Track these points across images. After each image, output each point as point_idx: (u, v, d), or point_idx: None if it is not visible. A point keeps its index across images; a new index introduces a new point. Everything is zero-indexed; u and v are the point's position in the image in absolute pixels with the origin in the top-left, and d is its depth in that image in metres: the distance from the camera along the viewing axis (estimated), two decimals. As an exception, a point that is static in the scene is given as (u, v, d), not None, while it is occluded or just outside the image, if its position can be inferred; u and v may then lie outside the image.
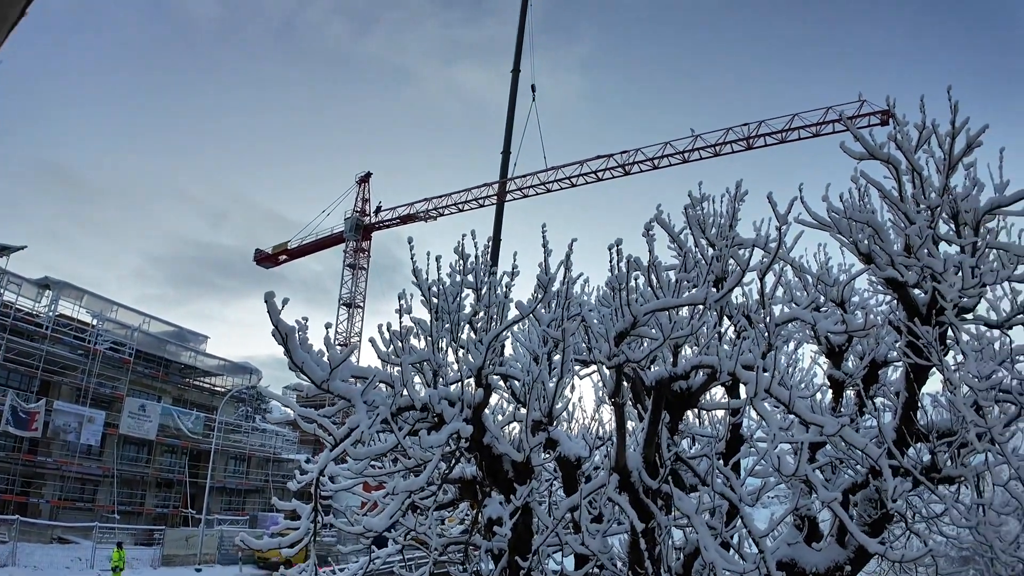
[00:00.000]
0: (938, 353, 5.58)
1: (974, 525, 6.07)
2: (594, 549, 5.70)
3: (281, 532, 18.91)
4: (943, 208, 5.78)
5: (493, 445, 5.61)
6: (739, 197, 6.41)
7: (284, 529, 30.46)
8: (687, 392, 5.57)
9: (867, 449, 4.84)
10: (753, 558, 5.56)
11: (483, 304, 5.35)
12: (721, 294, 4.75)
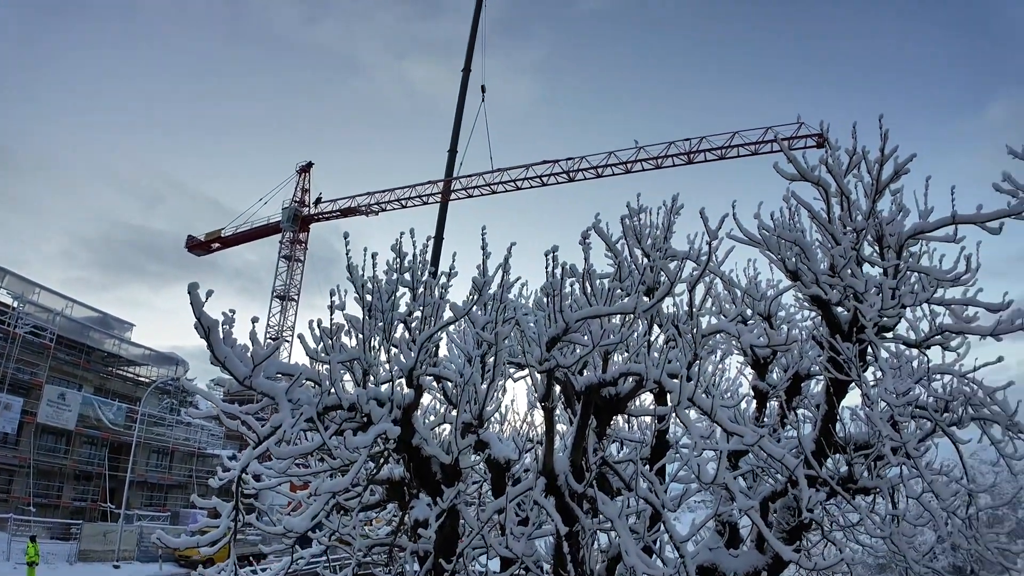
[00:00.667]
0: (857, 369, 5.82)
1: (888, 535, 6.34)
2: (518, 552, 5.70)
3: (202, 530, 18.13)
4: (868, 231, 6.05)
5: (422, 447, 5.55)
6: (675, 210, 6.57)
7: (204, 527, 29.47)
8: (616, 398, 5.64)
9: (784, 460, 5.00)
10: (674, 563, 5.67)
11: (419, 304, 5.28)
12: (651, 304, 4.83)
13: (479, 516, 6.15)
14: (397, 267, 5.35)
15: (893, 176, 6.10)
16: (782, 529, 6.64)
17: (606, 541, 6.73)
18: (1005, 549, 7.84)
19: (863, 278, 5.90)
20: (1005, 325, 5.93)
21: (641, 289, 5.34)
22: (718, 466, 4.84)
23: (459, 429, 5.38)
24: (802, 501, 5.22)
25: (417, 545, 6.20)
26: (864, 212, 6.05)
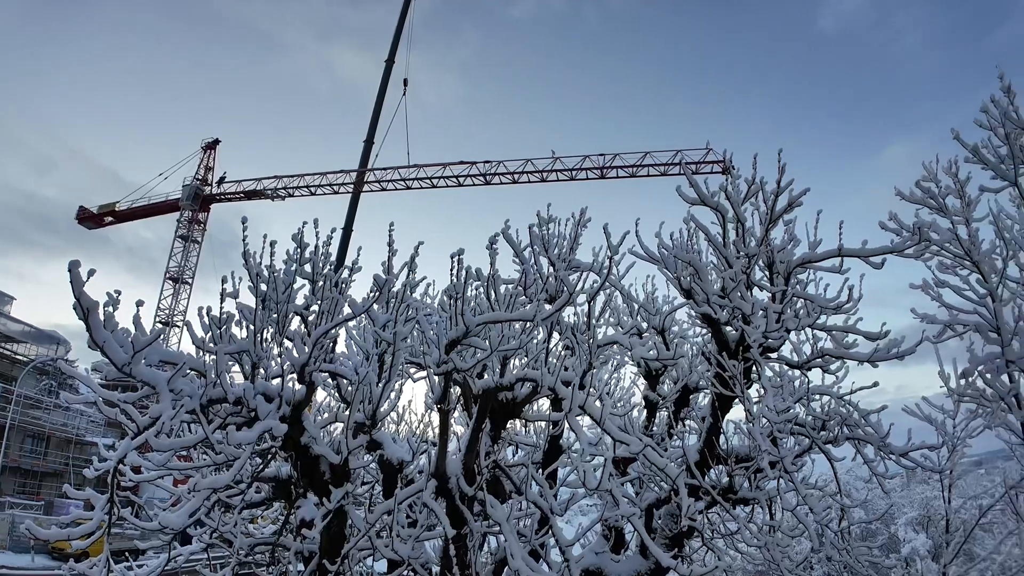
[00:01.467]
0: (742, 386, 6.13)
1: (764, 544, 6.69)
2: (404, 555, 5.65)
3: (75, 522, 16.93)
4: (760, 257, 6.41)
5: (311, 445, 5.41)
6: (582, 223, 6.73)
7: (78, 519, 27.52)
8: (512, 402, 5.70)
9: (667, 469, 5.19)
10: (559, 566, 5.78)
11: (317, 298, 5.13)
12: (549, 312, 4.92)
13: (367, 518, 6.07)
14: (297, 257, 5.18)
15: (787, 207, 6.49)
16: (665, 535, 6.90)
17: (496, 544, 6.79)
18: (876, 562, 8.46)
19: (751, 301, 6.24)
20: (881, 353, 6.44)
21: (543, 297, 5.43)
22: (602, 472, 4.96)
23: (351, 429, 5.27)
24: (683, 509, 5.43)
25: (302, 545, 6.04)
26: (757, 239, 6.40)
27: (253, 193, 55.40)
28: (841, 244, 6.30)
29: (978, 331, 6.36)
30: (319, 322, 5.01)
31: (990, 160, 6.47)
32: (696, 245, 6.63)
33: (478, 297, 5.52)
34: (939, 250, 6.79)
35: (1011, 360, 6.17)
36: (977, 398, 6.93)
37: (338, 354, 5.99)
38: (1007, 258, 6.91)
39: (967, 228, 6.72)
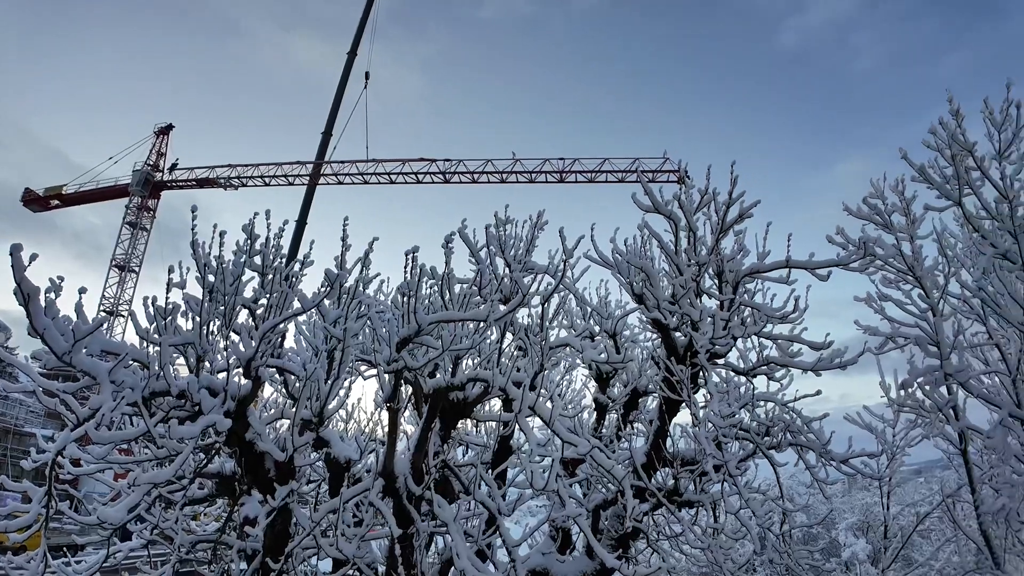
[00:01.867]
0: (689, 391, 6.26)
1: (707, 546, 6.83)
2: (348, 554, 5.60)
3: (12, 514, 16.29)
4: (710, 265, 6.56)
5: (256, 442, 5.32)
6: (539, 225, 6.79)
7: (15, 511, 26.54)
8: (463, 402, 5.71)
9: (614, 470, 5.26)
10: (505, 566, 5.80)
11: (266, 291, 5.06)
12: (503, 313, 4.94)
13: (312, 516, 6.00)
14: (247, 249, 5.09)
15: (738, 218, 6.67)
16: (611, 536, 6.98)
17: (443, 544, 6.79)
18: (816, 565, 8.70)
19: (700, 308, 6.38)
20: (825, 362, 6.63)
21: (497, 298, 5.46)
22: (550, 473, 5.00)
23: (298, 426, 5.21)
24: (628, 510, 5.51)
25: (245, 544, 5.94)
26: (708, 248, 6.56)
27: (205, 181, 53.99)
28: (789, 256, 6.49)
29: (918, 344, 6.58)
30: (267, 316, 4.94)
31: (936, 180, 6.71)
32: (649, 252, 6.76)
33: (432, 296, 5.52)
34: (883, 265, 7.03)
35: (949, 373, 6.38)
36: (916, 409, 7.19)
37: (286, 349, 5.92)
38: (949, 275, 7.19)
39: (911, 245, 6.97)
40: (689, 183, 6.68)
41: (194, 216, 4.96)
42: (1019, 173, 6.48)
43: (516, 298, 5.07)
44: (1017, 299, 6.72)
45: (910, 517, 11.06)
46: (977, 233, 6.85)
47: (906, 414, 7.61)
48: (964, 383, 6.45)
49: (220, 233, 4.97)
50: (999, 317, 7.08)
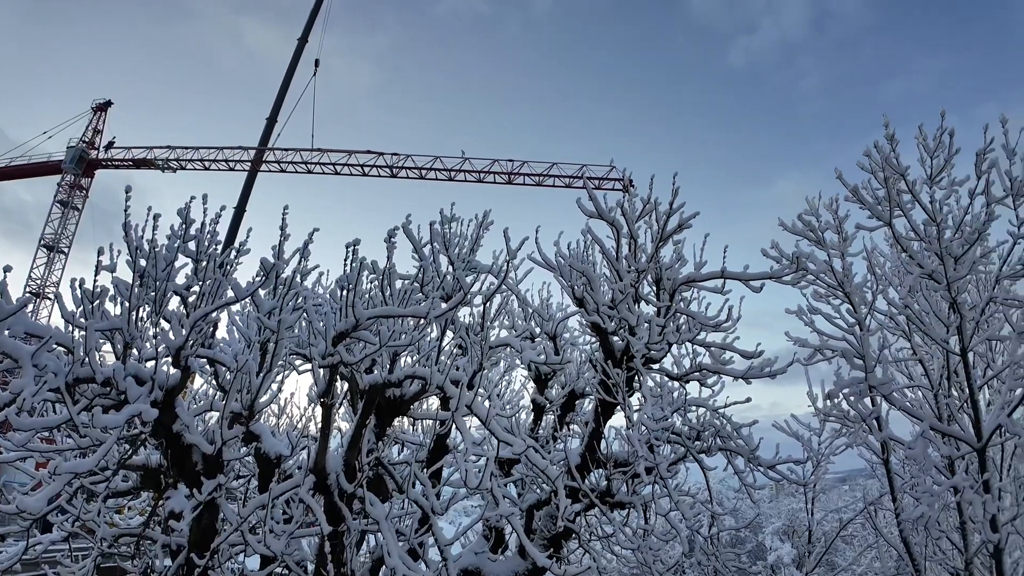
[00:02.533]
0: (624, 394, 6.39)
1: (637, 547, 6.95)
2: (276, 550, 5.51)
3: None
4: (649, 272, 6.73)
5: (183, 434, 5.17)
6: (485, 225, 6.83)
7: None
8: (400, 399, 5.68)
9: (547, 470, 5.32)
10: (436, 565, 5.79)
11: (199, 278, 4.92)
12: (444, 310, 4.94)
13: (240, 512, 5.89)
14: (182, 234, 4.94)
15: (677, 228, 6.86)
16: (544, 536, 7.04)
17: (374, 542, 6.73)
18: (743, 568, 8.94)
19: (638, 313, 6.54)
20: (755, 371, 6.85)
21: (439, 295, 5.46)
22: (484, 472, 5.03)
23: (227, 418, 5.09)
24: (561, 509, 5.58)
25: (169, 538, 5.78)
26: (648, 255, 6.73)
27: (142, 162, 51.74)
28: (724, 267, 6.69)
29: (845, 357, 6.83)
30: (200, 304, 4.80)
31: (868, 201, 7.00)
32: (591, 257, 6.90)
33: (372, 291, 5.48)
34: (815, 280, 7.30)
35: (873, 385, 6.63)
36: (841, 419, 7.47)
37: (218, 340, 5.78)
38: (876, 292, 7.51)
39: (842, 261, 7.26)
40: (633, 192, 6.84)
41: (128, 197, 4.79)
42: (948, 198, 6.79)
43: (457, 296, 5.08)
44: (941, 318, 7.05)
45: (834, 523, 11.47)
46: (905, 253, 7.15)
47: (831, 423, 7.89)
48: (887, 395, 6.72)
49: (154, 216, 4.80)
50: (923, 334, 7.43)
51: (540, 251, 6.56)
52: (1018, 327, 6.37)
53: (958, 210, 6.73)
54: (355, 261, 4.78)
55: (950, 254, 6.65)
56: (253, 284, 4.88)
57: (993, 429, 6.50)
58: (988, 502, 6.30)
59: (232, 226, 37.35)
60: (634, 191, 6.84)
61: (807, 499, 9.26)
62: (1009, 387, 6.61)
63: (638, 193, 6.89)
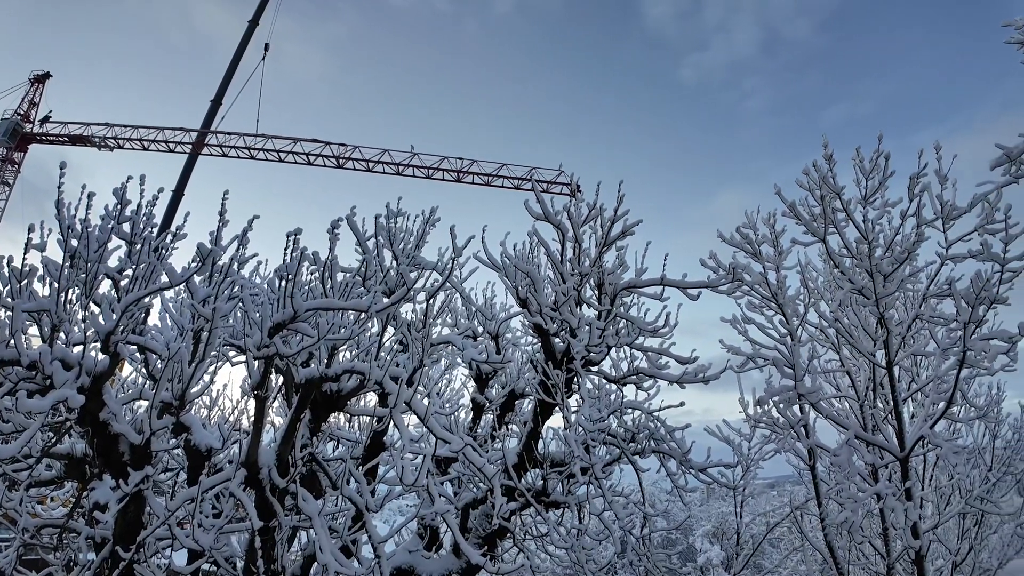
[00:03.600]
0: (563, 395, 6.50)
1: (570, 546, 7.05)
2: (205, 545, 5.39)
3: None
4: (592, 276, 6.88)
5: (110, 422, 5.01)
6: (431, 221, 6.84)
7: None
8: (336, 394, 5.63)
9: (484, 468, 5.35)
10: (369, 563, 5.75)
11: (133, 261, 4.77)
12: (385, 305, 4.91)
13: (168, 505, 5.74)
14: (116, 215, 4.78)
15: (621, 234, 7.03)
16: (479, 535, 7.09)
17: (306, 539, 6.65)
18: (673, 569, 9.15)
19: (579, 316, 6.67)
20: (689, 376, 7.06)
21: (382, 290, 5.43)
22: (421, 469, 5.04)
23: (156, 408, 4.95)
24: (496, 507, 5.63)
25: (94, 531, 5.59)
26: (591, 259, 6.88)
27: (79, 139, 49.43)
28: (664, 274, 6.89)
29: (776, 366, 7.07)
30: (132, 288, 4.66)
31: (804, 217, 7.28)
32: (536, 259, 7.01)
33: (312, 282, 5.41)
34: (749, 290, 7.56)
35: (802, 394, 6.88)
36: (771, 425, 7.73)
37: (149, 326, 5.62)
38: (808, 305, 7.82)
39: (776, 274, 7.53)
40: (580, 197, 6.98)
41: (62, 174, 4.62)
42: (880, 218, 7.11)
43: (401, 291, 5.05)
44: (869, 332, 7.38)
45: (761, 526, 11.87)
46: (837, 269, 7.45)
47: (761, 430, 8.17)
48: (815, 404, 6.98)
49: (89, 195, 4.63)
50: (852, 347, 7.76)
51: (486, 250, 6.62)
52: (942, 344, 6.65)
53: (889, 230, 7.05)
54: (295, 251, 4.71)
55: (880, 272, 6.97)
56: (188, 270, 4.75)
57: (916, 440, 6.82)
58: (910, 509, 6.62)
59: (169, 210, 35.97)
60: (581, 196, 6.97)
61: (736, 502, 9.56)
62: (932, 400, 6.94)
63: (584, 198, 7.02)
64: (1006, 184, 6.73)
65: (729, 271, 7.07)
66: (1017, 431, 9.60)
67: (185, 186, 42.09)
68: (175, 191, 40.94)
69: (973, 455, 9.18)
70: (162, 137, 46.63)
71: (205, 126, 44.64)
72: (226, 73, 45.70)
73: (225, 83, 45.48)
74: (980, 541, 9.63)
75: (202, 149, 44.59)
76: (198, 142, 44.36)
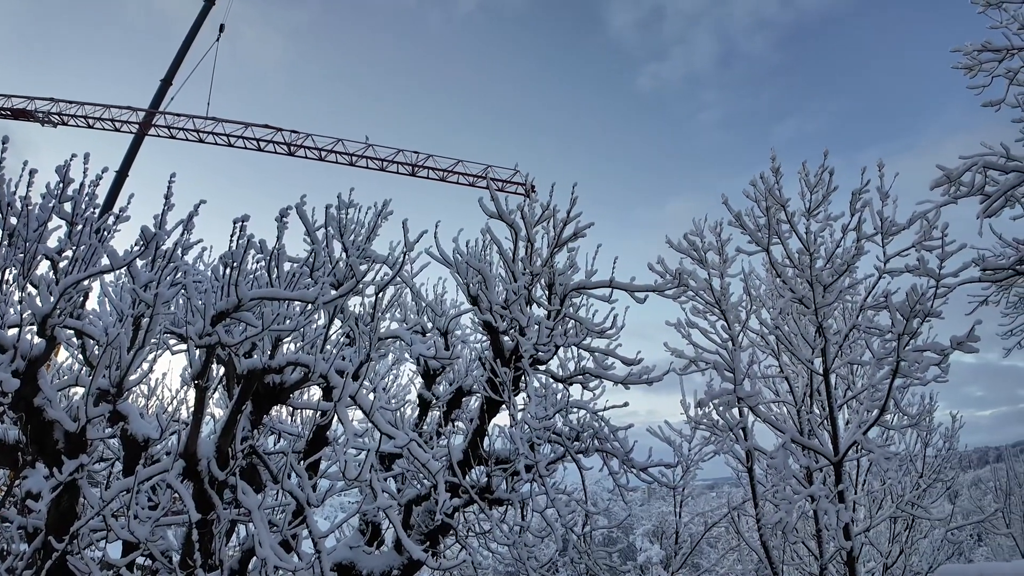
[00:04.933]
0: (510, 392, 6.57)
1: (512, 543, 7.12)
2: (141, 536, 5.26)
3: None
4: (543, 276, 6.99)
5: (45, 408, 4.86)
6: (384, 214, 6.80)
7: None
8: (280, 387, 5.56)
9: (428, 464, 5.37)
10: (309, 558, 5.70)
11: (73, 242, 4.62)
12: (333, 296, 4.88)
13: (103, 495, 5.59)
14: (58, 193, 4.62)
15: (573, 236, 7.16)
16: (421, 532, 7.09)
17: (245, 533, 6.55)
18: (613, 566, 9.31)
19: (529, 315, 6.76)
20: (634, 377, 7.21)
21: (330, 281, 5.38)
22: (365, 463, 5.03)
23: (93, 395, 4.82)
24: (439, 503, 5.65)
25: (26, 520, 5.42)
26: (543, 259, 6.99)
27: (21, 113, 47.13)
28: (613, 277, 7.04)
29: (716, 369, 7.29)
30: (71, 270, 4.52)
31: (749, 227, 7.52)
32: (489, 257, 7.07)
33: (258, 271, 5.33)
34: (694, 296, 7.78)
35: (741, 397, 7.12)
36: (711, 427, 7.96)
37: (88, 311, 5.46)
38: (750, 311, 8.08)
39: (721, 281, 7.77)
40: (534, 197, 7.07)
41: (4, 148, 4.45)
42: (823, 231, 7.38)
43: (350, 283, 5.03)
44: (808, 340, 7.66)
45: (700, 526, 12.16)
46: (779, 278, 7.73)
47: (701, 431, 8.40)
48: (754, 407, 7.22)
49: (30, 172, 4.48)
50: (790, 354, 8.06)
51: (438, 246, 6.63)
52: (877, 354, 6.92)
53: (831, 243, 7.33)
54: (242, 237, 4.64)
55: (820, 282, 7.24)
56: (131, 253, 4.62)
57: (849, 445, 7.10)
58: (842, 511, 6.90)
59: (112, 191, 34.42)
60: (535, 196, 7.07)
61: (676, 502, 9.81)
62: (866, 408, 7.24)
63: (539, 199, 7.12)
64: (945, 204, 7.09)
65: (675, 276, 7.25)
66: (948, 440, 10.08)
67: (130, 167, 40.40)
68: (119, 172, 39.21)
69: (905, 462, 9.59)
70: (108, 115, 44.74)
71: (154, 106, 42.97)
72: (179, 52, 44.12)
73: (177, 63, 43.89)
74: (911, 545, 10.07)
75: (149, 130, 42.92)
76: (145, 122, 42.66)
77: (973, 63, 7.82)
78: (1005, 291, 9.49)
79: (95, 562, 5.93)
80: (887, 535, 10.26)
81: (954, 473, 10.67)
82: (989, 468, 24.35)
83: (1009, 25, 7.50)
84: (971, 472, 28.36)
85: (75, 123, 45.65)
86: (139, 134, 42.00)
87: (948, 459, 10.00)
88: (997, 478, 14.91)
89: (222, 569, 5.58)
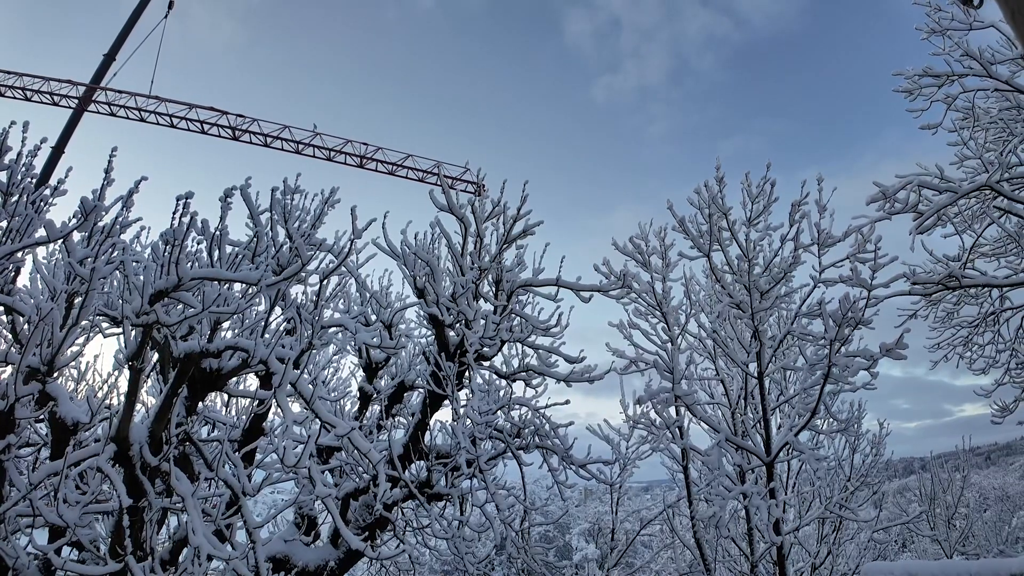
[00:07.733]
0: (453, 387, 6.60)
1: (451, 537, 7.15)
2: (70, 520, 5.08)
3: None
4: (491, 272, 7.08)
5: (-33, 386, 4.66)
6: (331, 202, 6.71)
7: None
8: (216, 372, 5.45)
9: (370, 453, 5.36)
10: (243, 548, 5.61)
11: (8, 213, 4.44)
12: (276, 280, 4.80)
13: (30, 478, 5.37)
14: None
15: (522, 233, 7.27)
16: (359, 526, 7.05)
17: (177, 523, 6.38)
18: (550, 563, 9.42)
19: (476, 309, 6.83)
20: (576, 375, 7.35)
21: (272, 265, 5.30)
22: (304, 452, 4.99)
23: (22, 373, 4.64)
24: (379, 494, 5.64)
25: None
26: (491, 255, 7.07)
27: None
28: (560, 275, 7.19)
29: (656, 369, 7.50)
30: (4, 241, 4.35)
31: (692, 233, 7.75)
32: (437, 250, 7.10)
33: (199, 252, 5.22)
34: (637, 298, 7.99)
35: (679, 396, 7.33)
36: (648, 426, 8.17)
37: (19, 287, 5.23)
38: (690, 315, 8.34)
39: (663, 284, 8.00)
40: (485, 194, 7.16)
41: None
42: (762, 240, 7.66)
43: (293, 266, 4.97)
44: (743, 344, 7.94)
45: (635, 524, 12.40)
46: (719, 284, 7.99)
47: (639, 430, 8.60)
48: (690, 406, 7.45)
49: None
50: (727, 358, 8.34)
51: (386, 237, 6.62)
52: (810, 359, 7.19)
53: (769, 251, 7.61)
54: (185, 215, 4.54)
55: (757, 288, 7.51)
56: (68, 226, 4.48)
57: (781, 446, 7.39)
58: (772, 508, 7.16)
59: (47, 166, 32.87)
60: (486, 193, 7.17)
61: (612, 500, 9.98)
62: (798, 411, 7.54)
63: (489, 195, 7.21)
64: (880, 219, 7.45)
65: (620, 278, 7.43)
66: (875, 447, 10.54)
67: (67, 143, 38.57)
68: (55, 147, 37.40)
69: (833, 466, 9.99)
70: (47, 88, 42.65)
71: (95, 81, 41.14)
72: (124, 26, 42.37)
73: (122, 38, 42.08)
74: (838, 546, 10.49)
75: (89, 105, 41.06)
76: (85, 97, 40.73)
77: (914, 87, 8.28)
78: (934, 305, 10.02)
79: (23, 549, 5.70)
80: (815, 536, 10.63)
81: (880, 479, 11.10)
82: (915, 477, 25.48)
83: (952, 52, 7.93)
84: (897, 481, 29.56)
85: (12, 95, 43.21)
86: (78, 109, 40.13)
87: (875, 464, 10.41)
88: (922, 485, 15.61)
89: (153, 557, 5.44)
